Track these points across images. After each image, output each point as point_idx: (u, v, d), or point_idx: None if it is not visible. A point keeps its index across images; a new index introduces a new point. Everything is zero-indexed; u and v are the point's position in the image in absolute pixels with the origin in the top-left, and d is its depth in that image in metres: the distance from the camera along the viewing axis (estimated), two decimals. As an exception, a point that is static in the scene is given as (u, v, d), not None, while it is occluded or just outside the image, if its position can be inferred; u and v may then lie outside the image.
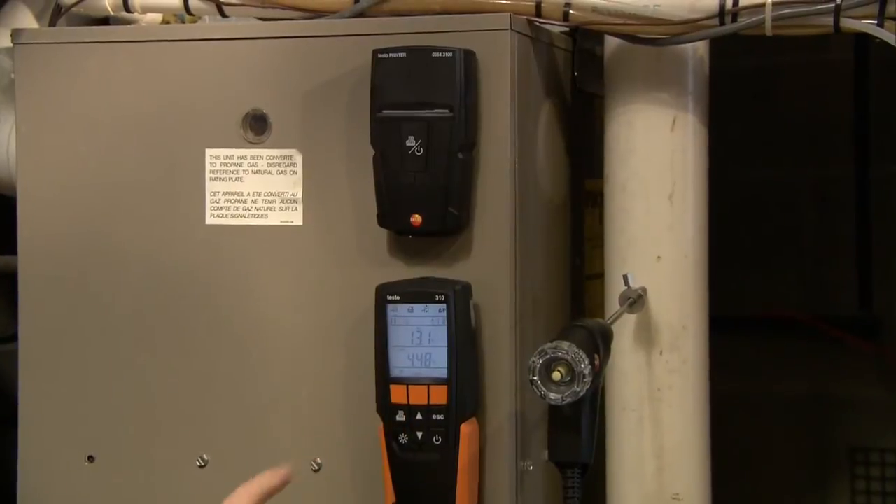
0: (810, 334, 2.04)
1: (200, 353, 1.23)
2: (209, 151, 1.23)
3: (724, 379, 1.35)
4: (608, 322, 1.18)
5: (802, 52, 1.94)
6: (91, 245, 1.25)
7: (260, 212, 1.22)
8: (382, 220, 1.17)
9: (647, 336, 1.26)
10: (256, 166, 1.22)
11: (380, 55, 1.15)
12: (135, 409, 1.25)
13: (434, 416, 1.13)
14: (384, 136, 1.15)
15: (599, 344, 1.10)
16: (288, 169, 1.21)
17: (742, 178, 2.03)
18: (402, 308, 1.14)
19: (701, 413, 1.28)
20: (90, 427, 1.26)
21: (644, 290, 1.25)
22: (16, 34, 1.27)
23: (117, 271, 1.25)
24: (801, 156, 2.08)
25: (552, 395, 1.06)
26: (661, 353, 1.26)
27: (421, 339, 1.14)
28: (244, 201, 1.22)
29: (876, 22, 1.14)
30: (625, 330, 1.25)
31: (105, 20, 1.36)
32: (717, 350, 1.31)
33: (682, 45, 1.23)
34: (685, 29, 1.18)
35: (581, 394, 1.05)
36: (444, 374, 1.13)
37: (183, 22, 1.39)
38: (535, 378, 1.06)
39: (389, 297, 1.14)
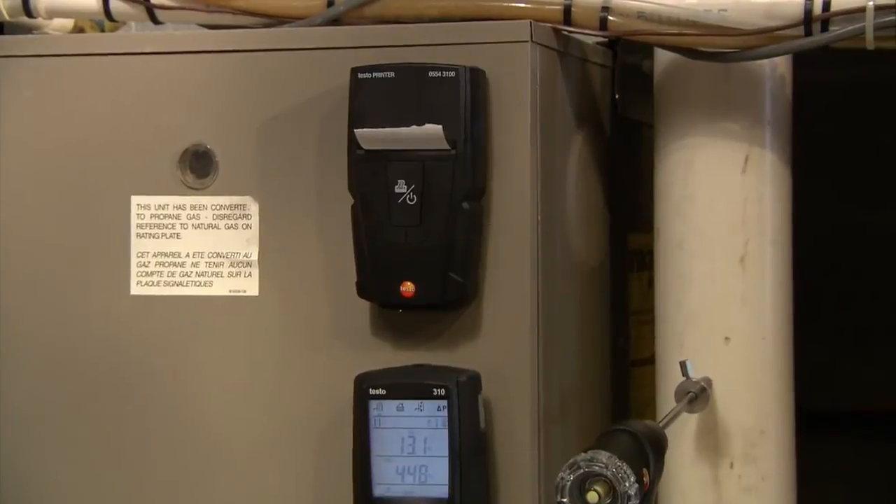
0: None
1: (125, 464, 1.24)
2: (136, 199, 1.24)
3: (813, 494, 1.35)
4: (661, 424, 1.18)
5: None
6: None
7: (202, 278, 1.23)
8: (363, 289, 1.18)
9: (713, 443, 1.26)
10: (198, 219, 1.23)
11: (360, 74, 1.16)
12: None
13: (432, 550, 1.14)
14: (366, 179, 1.16)
15: (650, 454, 1.10)
16: (240, 222, 1.22)
17: (835, 226, 2.03)
18: (390, 405, 1.15)
19: (785, 543, 1.29)
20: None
21: (708, 381, 1.25)
22: None
23: (15, 358, 1.25)
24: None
25: (587, 523, 1.06)
26: (731, 465, 1.27)
27: (414, 447, 1.14)
28: (182, 264, 1.23)
29: None
30: (684, 434, 1.26)
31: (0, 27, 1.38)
32: (804, 456, 1.32)
33: (758, 62, 1.24)
34: (761, 40, 1.19)
35: (625, 521, 1.06)
36: (444, 493, 1.14)
37: (102, 30, 1.41)
38: (565, 500, 1.05)
39: (373, 392, 1.15)
